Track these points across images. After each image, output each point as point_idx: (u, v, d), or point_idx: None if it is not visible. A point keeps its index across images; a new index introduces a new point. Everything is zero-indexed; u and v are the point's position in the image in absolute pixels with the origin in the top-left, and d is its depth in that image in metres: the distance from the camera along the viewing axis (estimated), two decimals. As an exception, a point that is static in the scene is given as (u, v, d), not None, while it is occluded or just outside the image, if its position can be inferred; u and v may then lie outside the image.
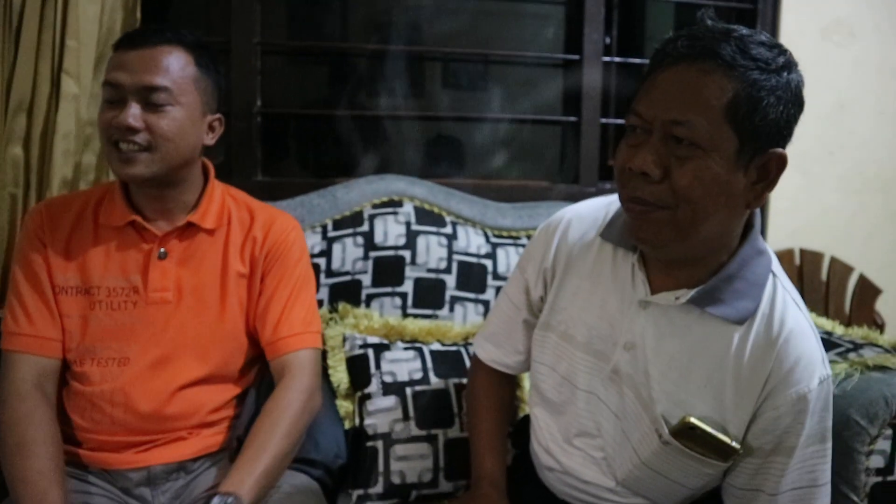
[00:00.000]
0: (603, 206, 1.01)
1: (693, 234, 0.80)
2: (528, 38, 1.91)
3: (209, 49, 1.11)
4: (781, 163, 0.80)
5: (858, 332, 1.40)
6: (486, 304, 1.54)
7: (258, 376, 1.19)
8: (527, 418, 1.15)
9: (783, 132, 0.80)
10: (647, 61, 0.85)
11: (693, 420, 0.86)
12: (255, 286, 1.14)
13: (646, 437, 0.90)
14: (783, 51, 0.79)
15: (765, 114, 0.77)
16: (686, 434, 0.87)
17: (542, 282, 1.03)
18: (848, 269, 2.00)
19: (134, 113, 1.02)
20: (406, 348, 1.32)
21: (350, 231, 1.49)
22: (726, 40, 0.77)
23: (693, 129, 0.76)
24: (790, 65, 0.79)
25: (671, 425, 0.88)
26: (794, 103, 0.79)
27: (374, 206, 1.53)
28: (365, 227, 1.50)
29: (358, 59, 1.83)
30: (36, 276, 1.08)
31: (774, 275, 0.89)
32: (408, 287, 1.49)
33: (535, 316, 1.06)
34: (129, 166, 1.03)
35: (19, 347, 1.05)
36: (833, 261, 1.99)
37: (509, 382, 1.16)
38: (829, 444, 0.87)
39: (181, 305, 1.09)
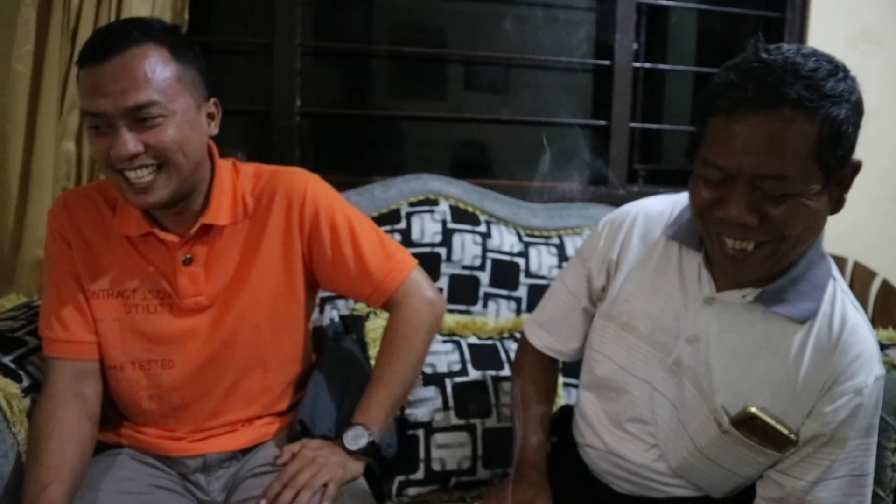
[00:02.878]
0: (669, 204, 1.05)
1: (788, 259, 0.86)
2: (559, 44, 1.95)
3: (179, 32, 1.02)
4: (857, 168, 0.83)
5: (883, 335, 1.43)
6: (518, 300, 1.58)
7: (313, 360, 1.21)
8: (567, 409, 1.19)
9: (855, 143, 0.82)
10: (674, 67, 0.87)
11: (754, 410, 0.90)
12: (312, 256, 1.11)
13: (704, 427, 0.94)
14: (843, 69, 0.80)
15: (847, 143, 0.79)
16: (746, 424, 0.91)
17: (606, 272, 1.06)
18: (871, 274, 2.02)
19: (128, 139, 0.93)
20: (444, 341, 1.37)
21: (388, 228, 1.54)
22: (795, 80, 0.77)
23: (785, 181, 0.78)
24: (853, 83, 0.80)
25: (731, 415, 0.92)
26: (860, 114, 0.81)
27: (411, 205, 1.58)
28: (402, 225, 1.55)
29: (395, 61, 1.88)
30: (66, 279, 1.06)
31: (834, 278, 0.93)
32: (443, 283, 1.54)
33: (593, 305, 1.10)
34: (145, 195, 0.97)
35: (54, 353, 1.05)
36: (857, 266, 2.02)
37: (555, 369, 1.20)
38: (875, 439, 0.91)
39: (218, 306, 1.08)
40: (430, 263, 1.53)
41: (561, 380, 1.39)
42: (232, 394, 1.10)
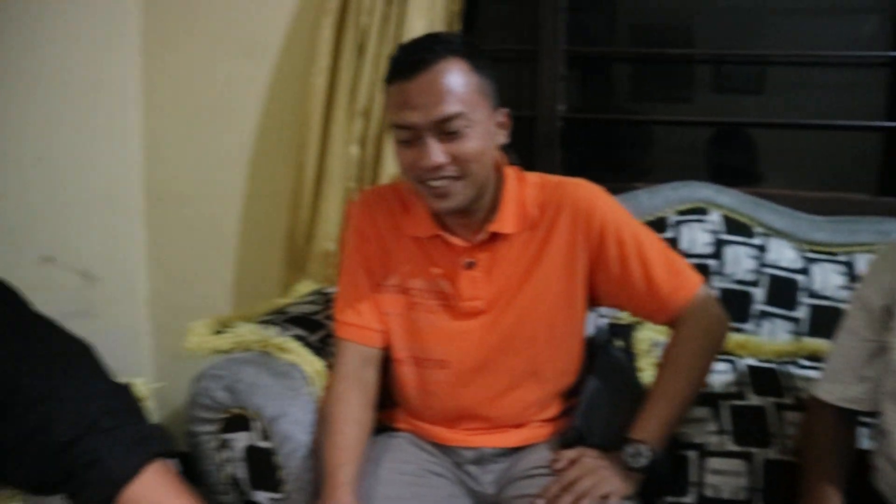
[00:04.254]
0: None
1: None
2: (839, 35, 1.74)
3: (476, 45, 1.06)
4: None
5: None
6: (796, 321, 1.44)
7: (588, 368, 1.19)
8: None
9: None
10: None
11: None
12: (597, 271, 1.09)
13: None
14: None
15: None
16: None
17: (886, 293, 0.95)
18: None
19: (436, 151, 0.98)
20: (720, 360, 1.28)
21: (654, 236, 1.48)
22: None
23: None
24: None
25: None
26: None
27: (679, 213, 1.51)
28: (670, 234, 1.48)
29: (637, 64, 1.80)
30: (361, 270, 1.15)
31: None
32: (712, 297, 1.44)
33: (878, 333, 0.97)
34: (444, 200, 1.02)
35: (346, 336, 1.14)
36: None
37: (853, 432, 1.06)
38: None
39: (494, 312, 1.10)
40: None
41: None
42: (504, 399, 1.12)
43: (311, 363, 1.16)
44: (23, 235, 1.71)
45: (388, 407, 1.20)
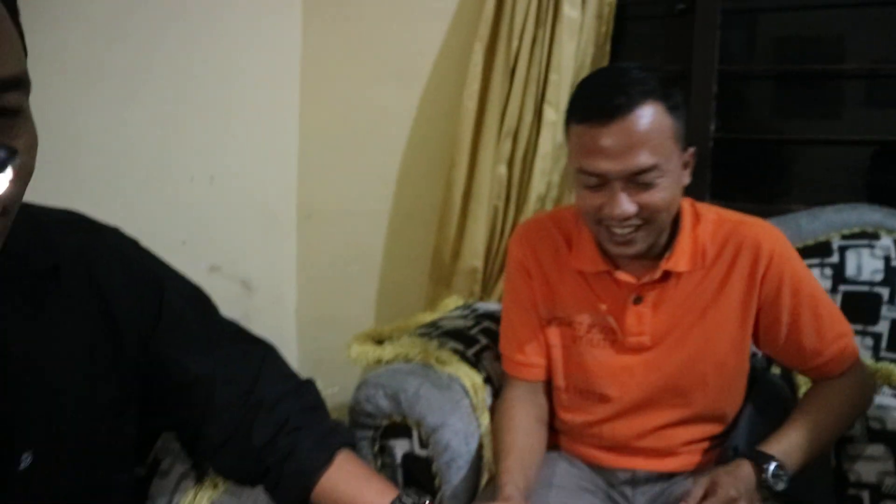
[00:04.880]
0: None
1: None
2: None
3: (670, 83, 0.97)
4: None
5: None
6: (979, 357, 1.32)
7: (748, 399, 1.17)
8: None
9: None
10: None
11: None
12: (764, 316, 1.04)
13: None
14: None
15: None
16: None
17: None
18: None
19: (624, 201, 0.94)
20: (894, 395, 1.20)
21: (817, 262, 1.41)
22: None
23: None
24: None
25: None
26: None
27: (844, 238, 1.43)
28: (834, 259, 1.41)
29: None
30: (525, 306, 1.14)
31: None
32: (883, 327, 1.36)
33: None
34: (625, 247, 1.00)
35: (513, 373, 1.17)
36: None
37: None
38: None
39: (659, 349, 1.07)
40: (866, 304, 1.37)
41: None
42: (663, 433, 1.10)
43: (469, 376, 1.20)
44: (195, 246, 1.87)
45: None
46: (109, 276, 0.75)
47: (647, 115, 0.92)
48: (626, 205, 0.95)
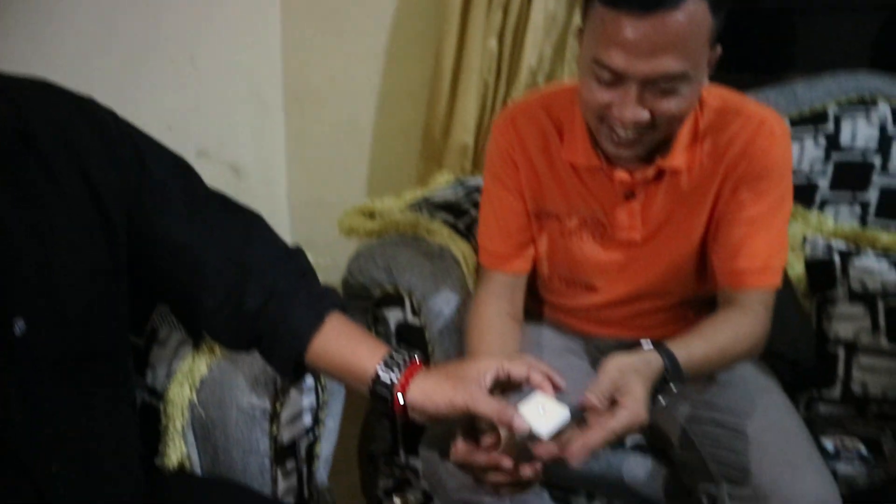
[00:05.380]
0: None
1: None
2: None
3: None
4: None
5: None
6: (967, 224, 1.34)
7: None
8: None
9: None
10: None
11: None
12: (721, 199, 0.98)
13: None
14: None
15: None
16: None
17: None
18: None
19: (639, 107, 0.84)
20: (879, 258, 1.22)
21: (811, 131, 1.40)
22: None
23: None
24: None
25: None
26: None
27: (841, 105, 1.40)
28: (829, 128, 1.39)
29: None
30: (510, 197, 1.07)
31: None
32: (871, 196, 1.37)
33: None
34: (624, 149, 0.91)
35: (492, 266, 1.09)
36: None
37: None
38: None
39: (650, 245, 1.04)
40: (857, 173, 1.37)
41: None
42: (652, 318, 1.11)
43: (460, 246, 1.21)
44: (181, 131, 1.83)
45: (530, 298, 1.22)
46: (88, 145, 0.74)
47: (690, 14, 0.78)
48: (639, 110, 0.84)
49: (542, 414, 0.74)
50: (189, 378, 0.86)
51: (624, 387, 0.81)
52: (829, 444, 1.07)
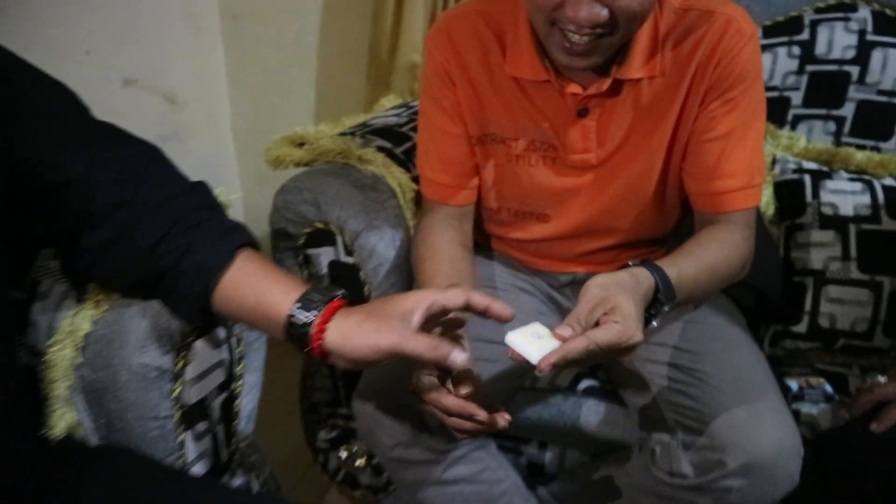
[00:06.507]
0: None
1: None
2: None
3: None
4: None
5: None
6: (948, 141, 1.24)
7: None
8: None
9: None
10: None
11: None
12: (687, 112, 0.89)
13: None
14: None
15: None
16: None
17: None
18: None
19: (595, 4, 0.74)
20: (852, 179, 1.13)
21: (785, 39, 1.27)
22: None
23: None
24: None
25: None
26: None
27: (818, 11, 1.28)
28: (804, 35, 1.27)
29: None
30: (449, 121, 0.97)
31: None
32: (847, 110, 1.26)
33: None
34: (580, 59, 0.80)
35: (434, 197, 1.00)
36: None
37: None
38: None
39: (605, 168, 0.94)
40: (832, 85, 1.26)
41: None
42: (605, 254, 1.02)
43: (395, 175, 1.09)
44: (102, 58, 1.67)
45: (479, 229, 1.11)
46: None
47: None
48: (596, 7, 0.74)
49: (532, 342, 0.69)
50: (71, 337, 0.75)
51: (609, 305, 0.72)
52: (793, 383, 1.01)
